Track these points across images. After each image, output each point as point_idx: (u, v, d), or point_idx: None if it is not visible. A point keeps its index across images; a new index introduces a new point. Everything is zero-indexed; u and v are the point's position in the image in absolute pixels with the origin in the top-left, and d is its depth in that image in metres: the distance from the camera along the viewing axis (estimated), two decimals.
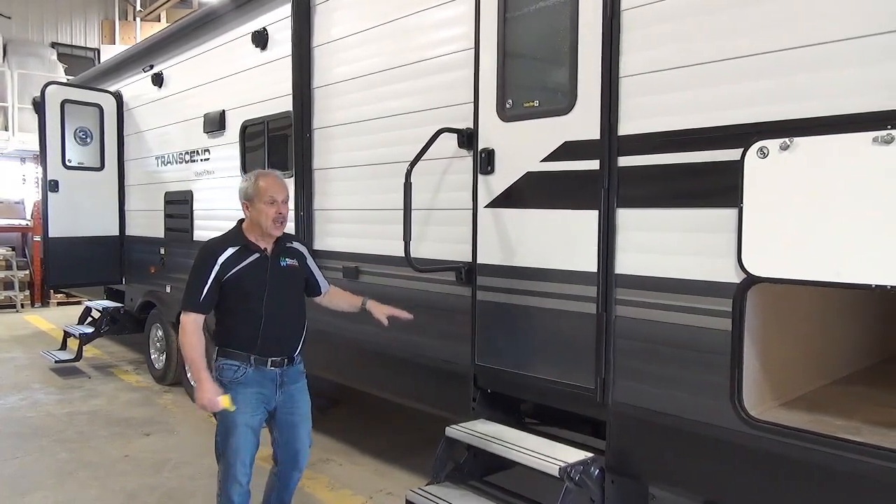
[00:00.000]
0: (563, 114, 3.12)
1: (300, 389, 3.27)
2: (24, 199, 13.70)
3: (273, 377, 3.13)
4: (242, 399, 3.07)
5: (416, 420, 5.40)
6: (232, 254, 3.08)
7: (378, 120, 4.16)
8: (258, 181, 3.12)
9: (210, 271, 3.03)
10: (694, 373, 2.71)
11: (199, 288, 3.03)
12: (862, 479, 2.30)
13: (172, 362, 6.75)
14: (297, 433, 3.24)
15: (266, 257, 3.14)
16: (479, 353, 3.56)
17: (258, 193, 3.09)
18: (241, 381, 3.08)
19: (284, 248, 3.22)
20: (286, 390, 3.19)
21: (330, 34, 4.53)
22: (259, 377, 3.10)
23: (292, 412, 3.22)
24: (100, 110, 7.50)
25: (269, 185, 3.11)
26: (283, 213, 3.11)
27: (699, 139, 2.63)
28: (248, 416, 3.07)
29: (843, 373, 3.37)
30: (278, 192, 3.11)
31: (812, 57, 2.34)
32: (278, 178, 3.20)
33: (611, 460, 3.01)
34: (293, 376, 3.22)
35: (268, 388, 3.13)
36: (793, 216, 2.36)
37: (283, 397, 3.19)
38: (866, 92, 2.21)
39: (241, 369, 3.09)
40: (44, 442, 5.28)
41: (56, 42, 15.69)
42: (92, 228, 7.44)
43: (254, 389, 3.09)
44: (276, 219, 3.09)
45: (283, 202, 3.13)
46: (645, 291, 2.85)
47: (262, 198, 3.08)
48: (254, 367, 3.09)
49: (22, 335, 9.97)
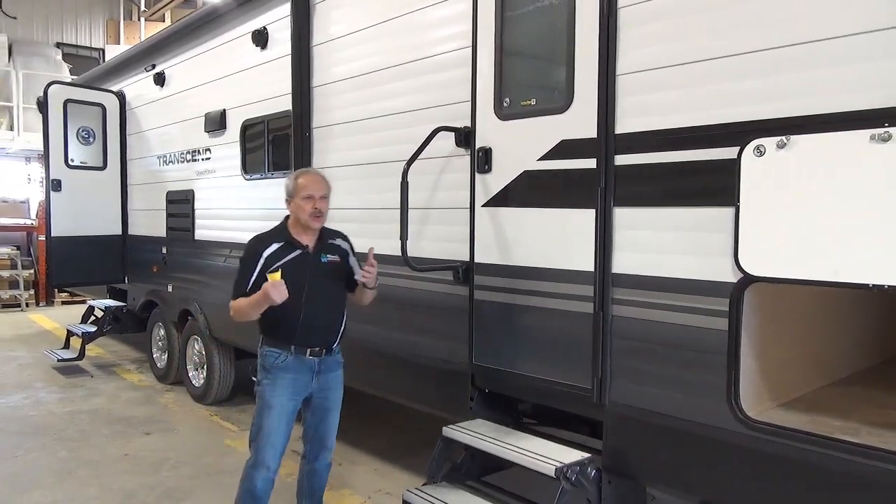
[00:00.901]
0: (560, 112, 3.10)
1: (336, 378, 3.42)
2: (29, 199, 13.77)
3: (311, 366, 3.30)
4: (281, 384, 3.27)
5: (415, 420, 5.39)
6: (276, 249, 3.26)
7: (376, 119, 4.16)
8: (298, 178, 3.31)
9: (255, 265, 3.23)
10: (691, 373, 2.69)
11: (245, 280, 3.24)
12: (860, 481, 2.28)
13: (174, 361, 6.77)
14: (327, 417, 3.42)
15: (308, 253, 3.30)
16: (476, 352, 3.55)
17: (297, 190, 3.26)
18: (282, 367, 3.28)
19: (327, 245, 3.37)
20: (322, 378, 3.35)
21: (329, 33, 4.52)
22: (298, 364, 3.28)
23: (326, 398, 3.39)
24: (102, 110, 7.52)
25: (308, 181, 3.28)
26: (319, 207, 3.25)
27: (695, 137, 2.61)
28: (284, 400, 3.27)
29: (842, 374, 3.35)
30: (316, 188, 3.26)
31: (809, 54, 2.31)
32: (317, 175, 3.37)
33: (607, 460, 3.00)
34: (330, 365, 3.38)
35: (305, 375, 3.30)
36: (790, 215, 2.34)
37: (319, 385, 3.35)
38: (864, 89, 2.19)
39: (282, 356, 3.27)
40: (45, 440, 5.29)
41: (61, 42, 15.74)
42: (95, 228, 7.46)
43: (292, 376, 3.28)
44: (313, 213, 3.24)
45: (321, 198, 3.27)
46: (641, 291, 2.84)
47: (301, 193, 3.25)
48: (294, 355, 3.27)
49: (26, 334, 10.01)
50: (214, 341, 6.03)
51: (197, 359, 6.41)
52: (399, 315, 4.03)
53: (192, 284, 6.31)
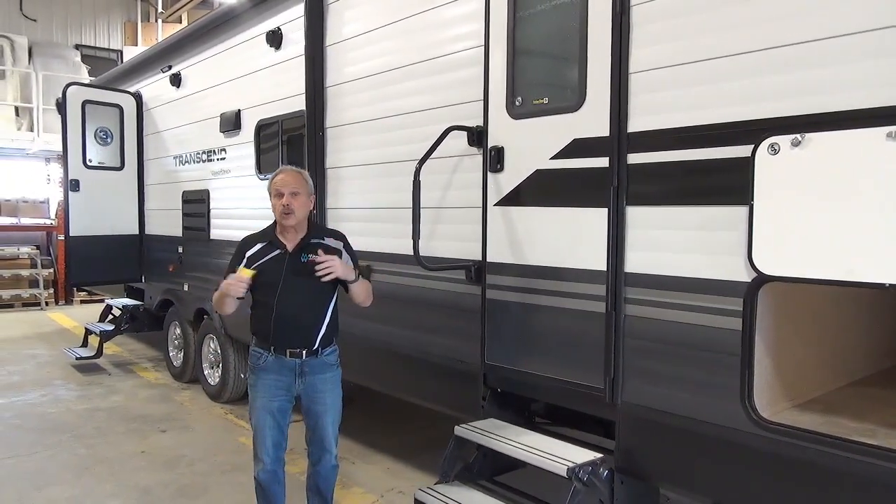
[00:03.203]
0: (573, 111, 3.09)
1: (325, 380, 3.33)
2: (49, 199, 13.94)
3: (292, 366, 3.27)
4: (262, 384, 3.30)
5: (429, 419, 5.39)
6: (258, 249, 3.29)
7: (388, 118, 4.16)
8: (273, 177, 3.29)
9: (237, 263, 3.27)
10: (704, 373, 2.67)
11: (226, 275, 3.27)
12: (876, 483, 2.25)
13: (190, 360, 6.83)
14: (320, 421, 3.34)
15: (286, 253, 3.26)
16: (488, 351, 3.54)
17: (270, 188, 3.28)
18: (263, 367, 3.30)
19: (309, 244, 3.28)
20: (308, 380, 3.30)
21: (342, 33, 4.53)
22: (278, 365, 3.28)
23: (315, 401, 3.33)
24: (120, 111, 7.59)
25: (279, 179, 3.26)
26: (288, 203, 3.18)
27: (709, 136, 2.59)
28: (265, 401, 3.28)
29: (859, 375, 3.30)
30: (284, 184, 3.22)
31: (824, 51, 2.28)
32: (292, 171, 3.31)
33: (620, 461, 2.98)
34: (316, 367, 3.30)
35: (286, 376, 3.28)
36: (804, 213, 2.31)
37: (305, 387, 3.31)
38: (879, 86, 2.15)
39: (263, 357, 3.30)
40: (62, 437, 5.36)
41: (80, 44, 15.93)
42: (112, 227, 7.53)
43: (273, 376, 3.28)
44: (283, 211, 3.20)
45: (291, 194, 3.20)
46: (654, 290, 2.81)
47: (272, 192, 3.27)
48: (273, 355, 3.27)
49: (46, 332, 10.14)
50: (229, 340, 6.08)
51: (212, 357, 6.47)
52: (411, 314, 4.03)
53: (207, 283, 6.35)
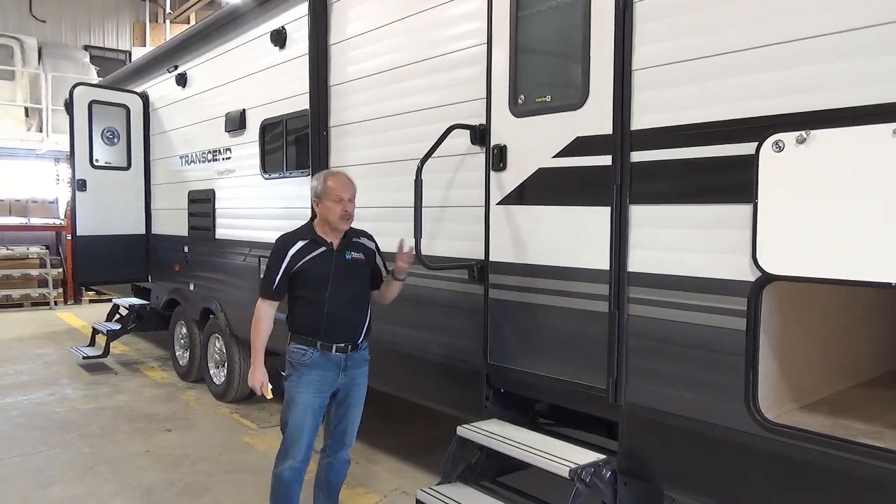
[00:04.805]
0: (576, 109, 3.06)
1: (362, 374, 3.47)
2: (58, 199, 14.02)
3: (338, 361, 3.34)
4: (306, 381, 3.32)
5: (432, 419, 5.37)
6: (301, 247, 3.33)
7: (391, 117, 4.15)
8: (327, 181, 3.34)
9: (281, 262, 3.31)
10: (708, 373, 2.64)
11: (272, 277, 3.32)
12: (883, 486, 2.21)
13: (196, 359, 6.84)
14: (350, 413, 3.46)
15: (332, 250, 3.35)
16: (491, 351, 3.52)
17: (326, 192, 3.31)
18: (308, 363, 3.32)
19: (350, 242, 3.41)
20: (349, 374, 3.40)
21: (345, 32, 4.52)
22: (324, 361, 3.32)
23: (350, 393, 3.44)
24: (126, 111, 7.62)
25: (337, 184, 3.32)
26: (348, 210, 3.31)
27: (712, 133, 2.56)
28: (310, 397, 3.32)
29: (866, 376, 3.25)
30: (345, 190, 3.32)
31: (829, 47, 2.25)
32: (345, 177, 3.41)
33: (623, 462, 2.95)
34: (357, 361, 3.42)
35: (332, 371, 3.35)
36: (809, 212, 2.27)
37: (345, 380, 3.40)
38: (885, 82, 2.12)
39: (309, 353, 3.32)
40: (68, 436, 5.37)
41: (89, 45, 16.02)
42: (119, 227, 7.56)
43: (318, 373, 3.33)
44: (343, 216, 3.31)
45: (350, 200, 3.33)
46: (658, 290, 2.78)
47: (330, 196, 3.30)
48: (320, 351, 3.32)
49: (54, 331, 10.19)
50: (235, 339, 6.08)
51: (218, 357, 6.47)
52: (414, 314, 4.02)
53: (212, 283, 6.36)
